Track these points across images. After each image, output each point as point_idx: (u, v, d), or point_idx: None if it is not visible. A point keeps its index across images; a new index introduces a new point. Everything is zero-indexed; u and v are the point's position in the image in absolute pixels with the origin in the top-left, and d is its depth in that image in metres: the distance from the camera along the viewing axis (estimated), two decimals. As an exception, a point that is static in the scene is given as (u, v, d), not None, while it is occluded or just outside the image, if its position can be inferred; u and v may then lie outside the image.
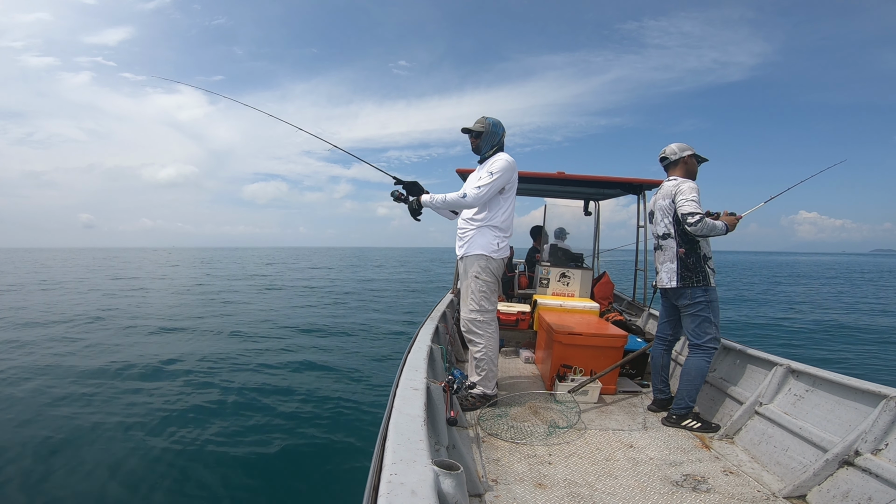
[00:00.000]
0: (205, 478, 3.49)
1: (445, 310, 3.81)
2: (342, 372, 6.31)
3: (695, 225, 2.38)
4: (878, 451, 1.67)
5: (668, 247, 2.61)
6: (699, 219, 2.38)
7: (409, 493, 0.95)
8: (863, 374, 2.41)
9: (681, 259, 2.54)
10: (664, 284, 2.63)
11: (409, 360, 2.13)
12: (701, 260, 2.53)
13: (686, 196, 2.45)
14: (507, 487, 1.76)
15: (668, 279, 2.59)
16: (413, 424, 1.36)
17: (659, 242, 2.69)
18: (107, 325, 10.02)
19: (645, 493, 1.78)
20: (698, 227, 2.38)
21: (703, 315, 2.50)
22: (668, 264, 2.60)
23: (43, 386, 5.59)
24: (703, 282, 2.50)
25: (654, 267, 2.78)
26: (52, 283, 20.47)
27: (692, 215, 2.40)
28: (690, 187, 2.49)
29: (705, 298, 2.50)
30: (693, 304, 2.52)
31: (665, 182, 2.69)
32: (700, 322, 2.51)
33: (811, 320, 11.92)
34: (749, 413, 2.30)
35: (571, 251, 5.21)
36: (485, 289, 2.60)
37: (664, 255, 2.64)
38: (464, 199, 2.54)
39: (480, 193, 2.50)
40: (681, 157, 2.65)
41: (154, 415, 4.67)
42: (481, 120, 2.67)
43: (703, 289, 2.50)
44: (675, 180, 2.59)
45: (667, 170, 2.73)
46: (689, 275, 2.51)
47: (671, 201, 2.55)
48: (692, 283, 2.51)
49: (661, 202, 2.65)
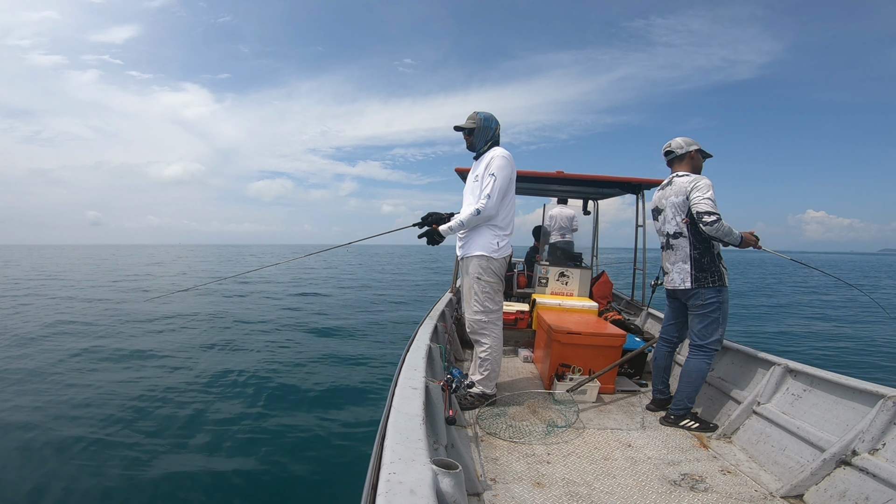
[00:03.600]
0: (205, 477, 3.49)
1: (444, 309, 3.81)
2: (342, 371, 6.31)
3: (711, 225, 2.30)
4: (876, 450, 1.68)
5: (680, 246, 2.50)
6: (717, 219, 2.29)
7: (408, 491, 0.95)
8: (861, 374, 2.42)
9: (694, 259, 2.44)
10: (676, 286, 2.52)
11: (408, 359, 2.12)
12: (715, 259, 2.44)
13: (703, 193, 2.35)
14: (506, 486, 1.77)
15: (682, 280, 2.49)
16: (412, 423, 1.36)
17: (669, 241, 2.56)
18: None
19: (643, 492, 1.78)
20: (714, 228, 2.30)
21: (712, 316, 2.43)
22: (681, 265, 2.49)
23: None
24: (718, 281, 2.42)
25: (663, 267, 2.66)
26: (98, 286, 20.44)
27: (709, 214, 2.30)
28: (707, 184, 2.38)
29: (718, 299, 2.42)
30: (705, 304, 2.43)
31: (676, 178, 2.54)
32: (708, 323, 2.44)
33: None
34: (747, 412, 2.30)
35: (573, 250, 5.22)
36: (487, 289, 2.57)
37: (675, 255, 2.53)
38: (478, 214, 2.47)
39: (491, 201, 2.45)
40: (687, 152, 2.56)
41: (147, 405, 4.67)
42: (472, 116, 2.62)
43: (717, 289, 2.42)
44: (688, 176, 2.48)
45: (671, 164, 2.64)
46: (704, 275, 2.42)
47: (685, 198, 2.44)
48: (707, 284, 2.41)
49: (673, 199, 2.51)
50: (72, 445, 3.91)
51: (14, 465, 3.65)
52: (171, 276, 25.07)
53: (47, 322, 9.77)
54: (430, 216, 2.70)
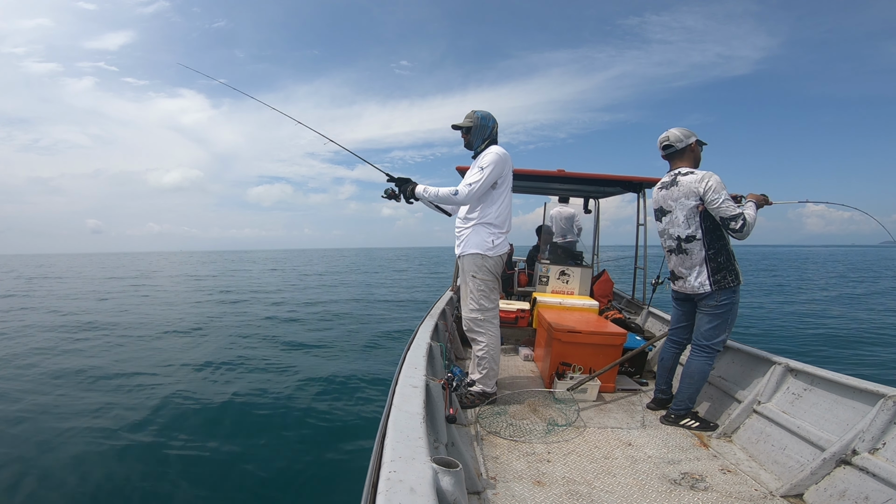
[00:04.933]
0: (204, 476, 3.50)
1: (445, 307, 3.81)
2: (341, 369, 6.32)
3: (740, 231, 2.22)
4: (876, 450, 1.68)
5: (694, 250, 2.38)
6: (742, 223, 2.21)
7: (408, 490, 0.95)
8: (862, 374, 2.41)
9: (710, 260, 2.35)
10: (695, 290, 2.40)
11: (409, 358, 2.13)
12: (731, 257, 2.36)
13: (720, 196, 2.24)
14: (506, 485, 1.77)
15: (700, 285, 2.37)
16: (412, 422, 1.36)
17: (681, 245, 2.43)
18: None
19: (643, 491, 1.78)
20: (744, 233, 2.23)
21: (723, 317, 2.37)
22: (698, 268, 2.38)
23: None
24: (734, 281, 2.34)
25: (675, 271, 2.53)
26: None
27: (734, 220, 2.22)
28: (720, 184, 2.27)
29: (730, 300, 2.36)
30: (719, 304, 2.36)
31: (680, 176, 2.40)
32: (718, 324, 2.38)
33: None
34: (747, 412, 2.30)
35: (574, 249, 5.21)
36: (483, 287, 2.57)
37: (690, 259, 2.40)
38: (455, 195, 2.45)
39: (472, 190, 2.43)
40: (688, 145, 2.44)
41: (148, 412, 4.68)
42: (470, 114, 2.61)
43: (732, 290, 2.35)
44: (693, 174, 2.36)
45: (670, 158, 2.51)
46: (722, 276, 2.34)
47: (698, 200, 2.32)
48: (725, 285, 2.33)
49: (684, 201, 2.37)
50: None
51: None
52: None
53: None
54: (407, 180, 2.60)
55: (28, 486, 3.33)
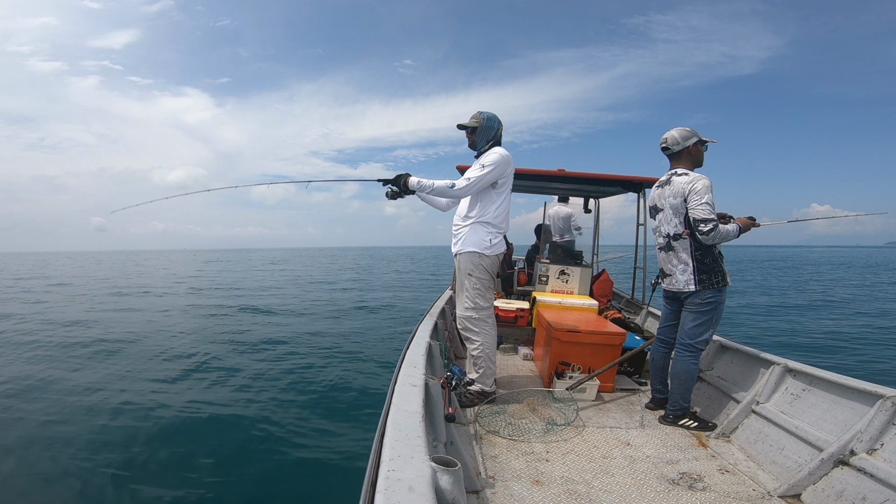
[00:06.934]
0: (203, 476, 3.50)
1: (444, 306, 3.81)
2: (341, 368, 6.32)
3: (707, 234, 2.25)
4: (874, 450, 1.68)
5: (681, 248, 2.42)
6: (712, 227, 2.24)
7: (407, 489, 0.96)
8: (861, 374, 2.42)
9: (697, 260, 2.38)
10: (680, 288, 2.44)
11: (408, 357, 2.13)
12: (718, 258, 2.39)
13: (700, 198, 2.27)
14: (505, 484, 1.77)
15: (685, 283, 2.41)
16: (411, 421, 1.36)
17: (670, 243, 2.48)
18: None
19: (641, 490, 1.79)
20: (710, 237, 2.26)
21: (707, 316, 2.39)
22: (683, 267, 2.42)
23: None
24: (721, 282, 2.37)
25: (664, 268, 2.57)
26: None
27: (705, 223, 2.25)
28: (705, 186, 2.29)
29: (716, 300, 2.38)
30: (703, 303, 2.39)
31: (675, 177, 2.44)
32: (701, 322, 2.41)
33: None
34: (746, 412, 2.31)
35: (573, 248, 5.20)
36: (479, 286, 2.57)
37: (677, 256, 2.45)
38: (451, 188, 2.47)
39: (469, 185, 2.45)
40: (685, 147, 2.45)
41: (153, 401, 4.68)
42: (476, 115, 2.63)
43: (718, 290, 2.38)
44: (687, 175, 2.39)
45: (670, 158, 2.53)
46: (707, 276, 2.37)
47: (683, 200, 2.36)
48: (710, 285, 2.36)
49: (671, 200, 2.43)
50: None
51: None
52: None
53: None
54: (402, 175, 2.61)
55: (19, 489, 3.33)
